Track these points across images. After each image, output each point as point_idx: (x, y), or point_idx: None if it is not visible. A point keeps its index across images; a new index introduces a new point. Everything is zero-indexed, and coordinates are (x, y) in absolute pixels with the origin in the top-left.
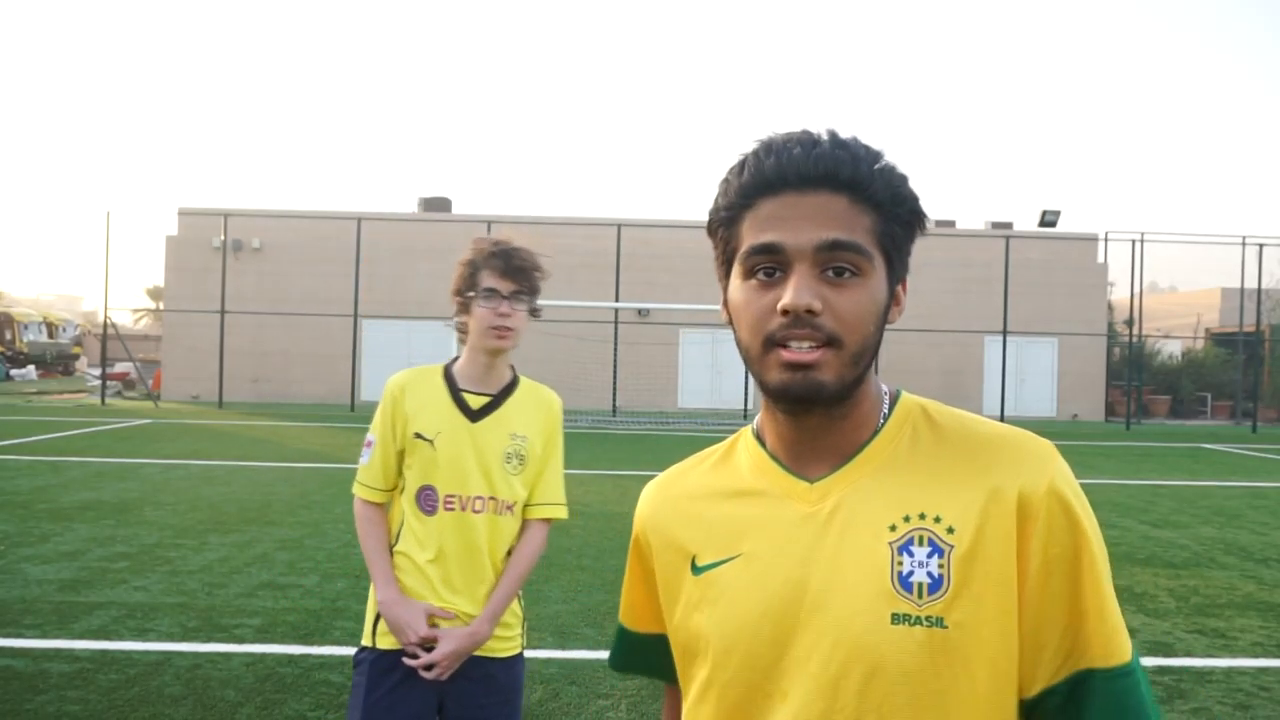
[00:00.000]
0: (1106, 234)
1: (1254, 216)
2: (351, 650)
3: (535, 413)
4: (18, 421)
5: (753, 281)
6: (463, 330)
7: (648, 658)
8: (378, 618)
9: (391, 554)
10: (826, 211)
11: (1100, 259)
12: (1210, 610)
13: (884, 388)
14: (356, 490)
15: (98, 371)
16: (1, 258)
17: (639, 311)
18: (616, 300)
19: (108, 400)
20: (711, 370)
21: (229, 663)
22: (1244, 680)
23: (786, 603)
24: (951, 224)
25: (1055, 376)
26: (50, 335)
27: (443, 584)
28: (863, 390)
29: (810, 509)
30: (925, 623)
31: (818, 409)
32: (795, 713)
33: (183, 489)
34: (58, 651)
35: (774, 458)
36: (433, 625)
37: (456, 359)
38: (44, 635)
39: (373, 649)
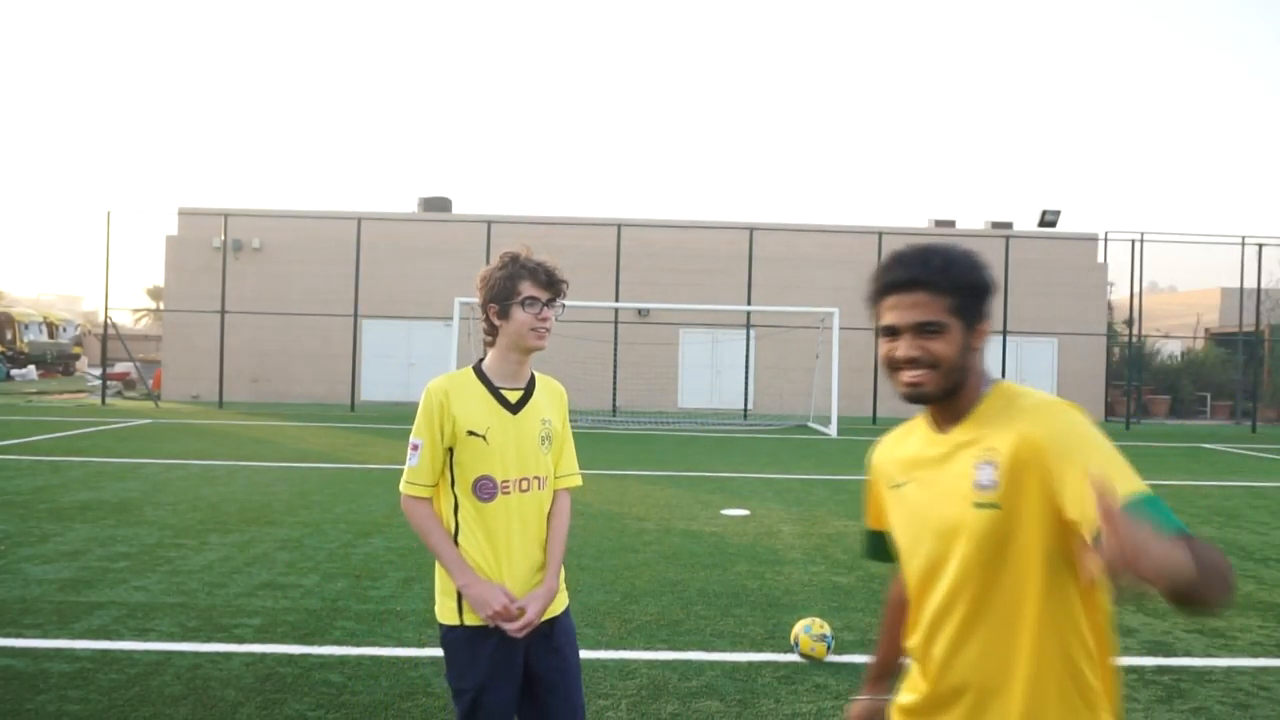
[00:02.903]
0: (1106, 234)
1: (1254, 216)
2: (351, 650)
3: (553, 400)
4: (18, 421)
5: (884, 340)
6: (490, 334)
7: (880, 545)
8: (460, 598)
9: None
10: (917, 303)
11: (1100, 259)
12: None
13: (988, 376)
14: (407, 490)
15: (98, 371)
16: (1, 258)
17: (639, 311)
18: (616, 300)
19: (108, 400)
20: (711, 370)
21: (229, 663)
22: (1243, 680)
23: (928, 502)
24: (951, 224)
25: (1055, 376)
26: (51, 335)
27: (504, 565)
28: (966, 386)
29: (941, 450)
30: (990, 507)
31: (939, 401)
32: (928, 568)
33: (183, 489)
34: (58, 651)
35: (930, 424)
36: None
37: (481, 360)
38: (44, 635)
39: (462, 626)
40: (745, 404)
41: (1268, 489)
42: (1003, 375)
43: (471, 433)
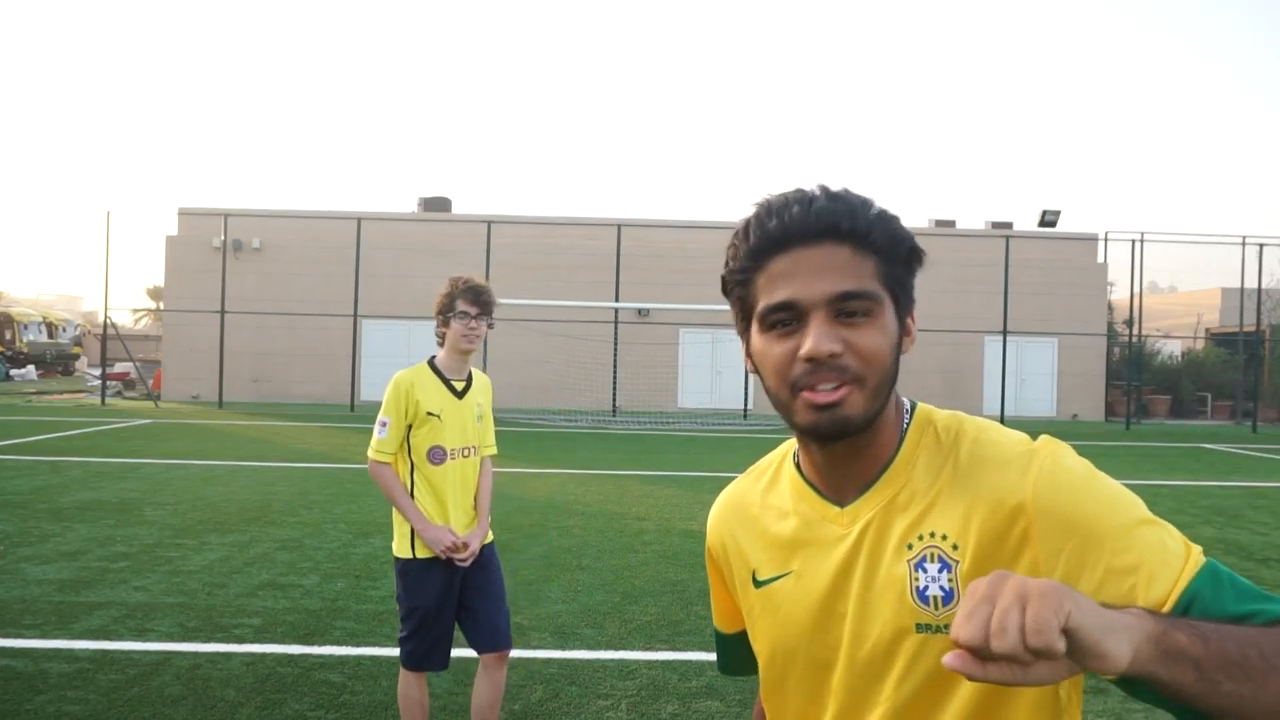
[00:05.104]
0: (1106, 234)
1: (1254, 216)
2: (351, 650)
3: (483, 389)
4: (18, 421)
5: (773, 334)
6: (440, 337)
7: (744, 654)
8: (412, 537)
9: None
10: (833, 263)
11: (1100, 259)
12: None
13: (905, 404)
14: (376, 456)
15: (98, 371)
16: (1, 258)
17: (639, 311)
18: (616, 300)
19: (108, 400)
20: (711, 370)
21: (229, 663)
22: None
23: (829, 615)
24: (951, 224)
25: (1055, 376)
26: (50, 335)
27: (449, 513)
28: (883, 418)
29: (843, 531)
30: (944, 630)
31: (846, 440)
32: (839, 712)
33: (183, 489)
34: (58, 651)
35: (810, 484)
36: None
37: (434, 357)
38: (44, 635)
39: (414, 558)
40: (745, 404)
41: (1268, 489)
42: (1003, 377)
43: (430, 413)
